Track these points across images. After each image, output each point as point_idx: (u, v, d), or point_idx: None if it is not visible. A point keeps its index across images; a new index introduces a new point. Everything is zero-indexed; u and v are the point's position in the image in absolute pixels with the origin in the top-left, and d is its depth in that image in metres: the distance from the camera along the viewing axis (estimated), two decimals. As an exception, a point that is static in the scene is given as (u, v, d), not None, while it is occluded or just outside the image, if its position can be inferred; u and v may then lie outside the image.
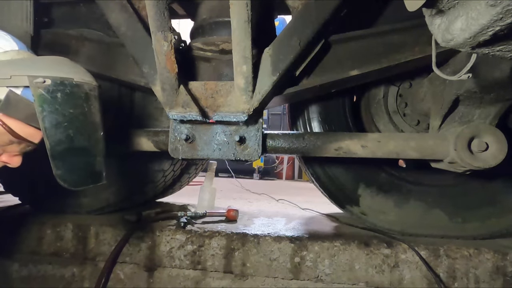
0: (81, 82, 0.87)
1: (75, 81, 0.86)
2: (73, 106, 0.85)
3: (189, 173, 2.02)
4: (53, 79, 0.82)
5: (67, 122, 0.84)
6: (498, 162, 1.12)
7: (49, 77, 0.82)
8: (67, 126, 0.84)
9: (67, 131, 0.84)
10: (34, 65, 0.85)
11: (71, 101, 0.85)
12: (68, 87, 0.84)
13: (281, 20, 4.40)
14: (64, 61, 0.91)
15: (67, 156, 0.85)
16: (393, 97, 1.53)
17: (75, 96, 0.86)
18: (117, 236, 1.42)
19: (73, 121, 0.85)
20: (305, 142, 1.26)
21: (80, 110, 0.86)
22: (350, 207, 1.53)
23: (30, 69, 0.82)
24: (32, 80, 0.80)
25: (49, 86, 0.82)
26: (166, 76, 1.12)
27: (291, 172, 5.96)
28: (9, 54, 0.85)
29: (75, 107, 0.86)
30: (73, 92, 0.85)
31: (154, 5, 1.00)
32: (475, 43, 0.57)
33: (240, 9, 0.94)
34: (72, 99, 0.85)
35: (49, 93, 0.82)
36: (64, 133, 0.84)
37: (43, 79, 0.81)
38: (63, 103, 0.83)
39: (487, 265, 1.23)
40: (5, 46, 0.85)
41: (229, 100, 1.16)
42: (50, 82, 0.82)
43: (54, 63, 0.88)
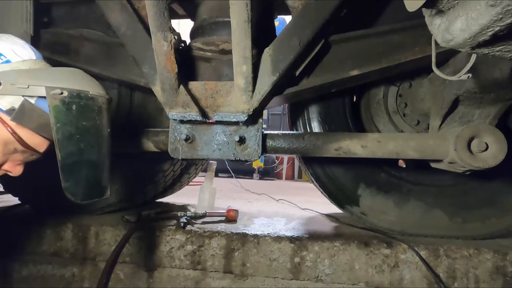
0: (96, 95, 0.88)
1: (91, 94, 0.87)
2: (87, 119, 0.86)
3: (189, 173, 2.02)
4: (70, 91, 0.83)
5: (79, 134, 0.85)
6: (498, 162, 1.12)
7: (66, 89, 0.82)
8: (79, 138, 0.85)
9: (78, 143, 0.85)
10: (51, 75, 0.85)
11: (85, 113, 0.86)
12: (83, 100, 0.85)
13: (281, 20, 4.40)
14: (80, 73, 0.91)
15: (77, 169, 0.86)
16: (393, 97, 1.53)
17: (89, 109, 0.86)
18: (117, 236, 1.42)
19: (85, 134, 0.86)
20: (305, 142, 1.26)
21: (92, 123, 0.87)
22: (350, 207, 1.53)
23: (48, 80, 0.83)
24: (49, 91, 0.81)
25: (65, 98, 0.82)
26: (166, 76, 1.12)
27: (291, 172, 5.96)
28: (27, 63, 0.85)
29: (88, 120, 0.86)
30: (88, 105, 0.86)
31: (154, 5, 1.00)
32: (475, 43, 0.57)
33: (240, 9, 0.94)
34: (86, 112, 0.86)
35: (64, 104, 0.82)
36: (76, 145, 0.85)
37: (60, 91, 0.81)
38: (78, 116, 0.84)
39: (487, 265, 1.23)
40: (24, 55, 0.86)
41: (229, 100, 1.16)
42: (67, 94, 0.82)
43: (71, 75, 0.89)
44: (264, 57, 1.14)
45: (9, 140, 0.83)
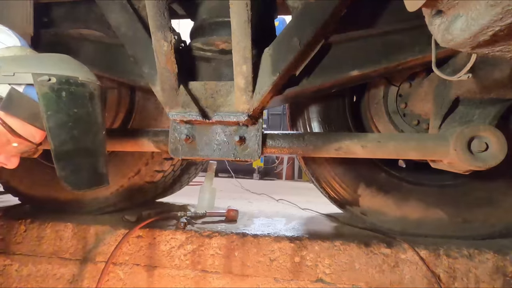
0: (86, 81, 0.85)
1: (80, 80, 0.84)
2: (78, 106, 0.83)
3: (189, 173, 2.02)
4: (59, 78, 0.80)
5: (72, 122, 0.82)
6: (498, 162, 1.12)
7: (55, 75, 0.80)
8: (72, 126, 0.82)
9: (72, 131, 0.82)
10: (38, 62, 0.82)
11: (76, 100, 0.83)
12: (73, 86, 0.82)
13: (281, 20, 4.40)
14: (68, 59, 0.88)
15: (72, 157, 0.83)
16: (393, 97, 1.53)
17: (80, 95, 0.84)
18: (117, 236, 1.42)
19: (78, 121, 0.83)
20: (305, 142, 1.26)
21: (85, 109, 0.84)
22: (350, 207, 1.53)
23: (34, 67, 0.80)
24: (37, 78, 0.78)
25: (54, 85, 0.79)
26: (166, 76, 1.12)
27: (291, 172, 5.96)
28: (11, 50, 0.82)
29: (80, 107, 0.84)
30: (78, 91, 0.83)
31: (154, 5, 1.00)
32: (475, 43, 0.57)
33: (240, 9, 0.94)
34: (77, 99, 0.83)
35: (54, 91, 0.79)
36: (69, 133, 0.82)
37: (48, 77, 0.79)
38: (68, 103, 0.81)
39: (487, 265, 1.23)
40: (8, 42, 0.83)
41: (229, 100, 1.16)
42: (55, 81, 0.79)
43: (59, 61, 0.86)
44: (264, 57, 1.14)
45: (1, 130, 0.80)
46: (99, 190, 1.63)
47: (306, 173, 1.68)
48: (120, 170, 1.66)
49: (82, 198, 1.67)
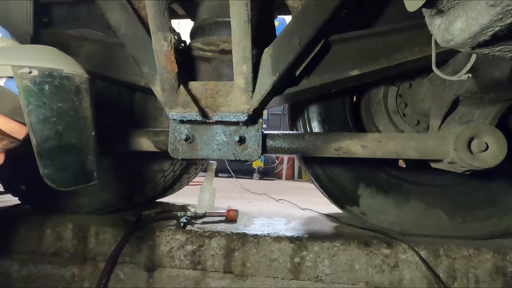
0: (72, 74, 0.80)
1: (65, 73, 0.79)
2: (62, 100, 0.79)
3: (189, 173, 2.02)
4: (41, 70, 0.76)
5: (56, 117, 0.78)
6: (498, 162, 1.12)
7: (36, 68, 0.75)
8: (55, 121, 0.78)
9: (55, 127, 0.78)
10: (19, 54, 0.78)
11: (60, 94, 0.79)
12: (57, 79, 0.78)
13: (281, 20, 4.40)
14: (53, 51, 0.84)
15: (56, 154, 0.80)
16: (393, 97, 1.53)
17: (65, 89, 0.79)
18: (117, 236, 1.42)
19: (62, 116, 0.79)
20: (305, 142, 1.26)
21: (70, 104, 0.80)
22: (350, 207, 1.53)
23: (15, 59, 0.75)
24: (17, 70, 0.74)
25: (35, 78, 0.75)
26: (166, 76, 1.12)
27: (291, 172, 5.96)
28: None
29: (65, 101, 0.79)
30: (63, 85, 0.79)
31: (154, 5, 1.00)
32: (475, 43, 0.57)
33: (240, 9, 0.94)
34: (61, 92, 0.79)
35: (35, 85, 0.75)
36: (52, 129, 0.78)
37: (29, 70, 0.74)
38: (51, 97, 0.77)
39: (487, 265, 1.23)
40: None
41: (229, 100, 1.16)
42: (37, 73, 0.75)
43: (42, 52, 0.81)
44: (264, 57, 1.14)
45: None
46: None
47: (306, 173, 1.68)
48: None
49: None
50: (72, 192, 1.64)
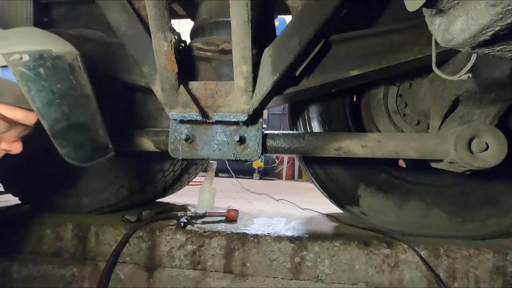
0: (61, 52, 0.78)
1: (55, 53, 0.77)
2: (60, 81, 0.78)
3: (189, 173, 2.02)
4: (31, 54, 0.73)
5: (59, 98, 0.78)
6: (498, 162, 1.12)
7: (26, 52, 0.73)
8: (59, 103, 0.78)
9: (61, 108, 0.78)
10: (4, 40, 0.75)
11: (56, 75, 0.77)
12: (48, 61, 0.76)
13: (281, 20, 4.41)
14: (37, 32, 0.82)
15: (68, 133, 0.81)
16: (393, 97, 1.53)
17: (59, 69, 0.78)
18: (117, 236, 1.42)
19: (65, 96, 0.79)
20: (305, 142, 1.26)
21: (68, 84, 0.79)
22: (350, 207, 1.53)
23: (2, 45, 0.73)
24: (8, 58, 0.72)
25: (28, 62, 0.73)
26: (166, 76, 1.12)
27: (291, 172, 5.96)
28: None
29: (63, 82, 0.78)
30: (56, 65, 0.77)
31: (154, 5, 1.00)
32: (475, 43, 0.57)
33: (240, 9, 0.94)
34: (57, 73, 0.77)
35: (30, 70, 0.73)
36: (59, 110, 0.78)
37: (19, 55, 0.72)
38: (49, 79, 0.76)
39: (487, 265, 1.23)
40: None
41: (229, 100, 1.16)
42: (28, 58, 0.73)
43: (27, 35, 0.79)
44: (264, 57, 1.14)
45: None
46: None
47: (306, 173, 1.68)
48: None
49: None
50: (72, 192, 1.64)
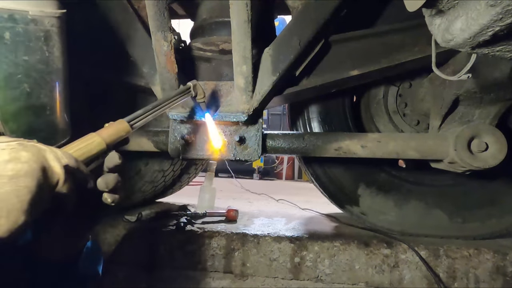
0: (40, 15, 0.63)
1: (31, 15, 0.62)
2: (29, 52, 0.63)
3: (189, 173, 2.02)
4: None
5: (22, 73, 0.63)
6: (498, 162, 1.12)
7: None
8: (21, 79, 0.63)
9: (22, 85, 0.64)
10: None
11: (26, 44, 0.63)
12: (20, 24, 0.61)
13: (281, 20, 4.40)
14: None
15: (23, 116, 0.65)
16: (393, 97, 1.53)
17: (31, 36, 0.63)
18: (117, 236, 1.42)
19: (30, 72, 0.64)
20: (305, 142, 1.26)
21: (38, 56, 0.65)
22: (350, 207, 1.53)
23: None
24: None
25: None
26: (166, 76, 1.12)
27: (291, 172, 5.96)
28: None
29: (32, 53, 0.64)
30: (28, 31, 0.62)
31: (154, 5, 1.00)
32: (475, 43, 0.57)
33: (240, 9, 0.94)
34: (26, 42, 0.63)
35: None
36: (18, 88, 0.63)
37: None
38: (15, 48, 0.62)
39: (487, 265, 1.23)
40: None
41: (229, 100, 1.16)
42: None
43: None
44: (264, 57, 1.14)
45: None
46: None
47: (306, 173, 1.68)
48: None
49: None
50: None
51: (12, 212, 0.40)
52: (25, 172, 0.42)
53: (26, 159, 0.43)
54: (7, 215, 0.40)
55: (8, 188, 0.40)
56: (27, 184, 0.42)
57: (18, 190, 0.41)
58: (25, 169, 0.42)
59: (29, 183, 0.42)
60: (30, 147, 0.45)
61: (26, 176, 0.42)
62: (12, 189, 0.41)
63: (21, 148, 0.44)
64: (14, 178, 0.41)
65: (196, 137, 1.25)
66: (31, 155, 0.44)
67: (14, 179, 0.41)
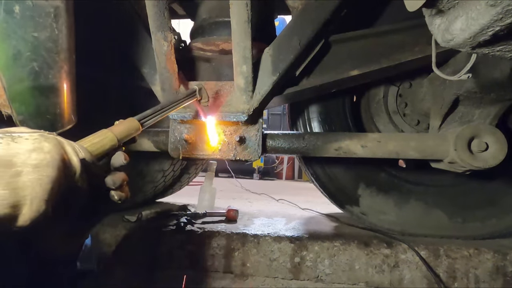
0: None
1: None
2: (38, 28, 0.61)
3: (189, 173, 2.02)
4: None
5: (30, 51, 0.61)
6: (498, 162, 1.12)
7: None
8: (30, 57, 0.61)
9: (30, 63, 0.61)
10: None
11: (35, 20, 0.60)
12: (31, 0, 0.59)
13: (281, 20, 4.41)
14: None
15: (31, 97, 0.63)
16: (393, 97, 1.53)
17: (42, 12, 0.61)
18: (117, 236, 1.42)
19: (39, 49, 0.62)
20: (305, 142, 1.26)
21: (48, 33, 0.62)
22: (350, 207, 1.53)
23: None
24: None
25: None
26: (166, 76, 1.12)
27: (291, 172, 5.96)
28: None
29: (41, 29, 0.61)
30: (38, 6, 0.60)
31: (154, 5, 1.00)
32: (475, 43, 0.57)
33: (240, 9, 0.94)
34: (37, 17, 0.60)
35: (1, 6, 0.57)
36: (26, 66, 0.61)
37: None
38: (25, 24, 0.59)
39: (487, 265, 1.23)
40: None
41: (229, 100, 1.16)
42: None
43: None
44: (264, 57, 1.14)
45: None
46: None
47: (306, 173, 1.68)
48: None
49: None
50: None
51: (35, 200, 0.41)
52: (47, 162, 0.43)
53: (48, 149, 0.43)
54: (30, 203, 0.40)
55: (32, 177, 0.41)
56: (49, 174, 0.42)
57: (41, 179, 0.41)
58: (47, 159, 0.43)
59: (51, 173, 0.42)
60: (52, 139, 0.45)
61: (48, 166, 0.42)
62: (36, 177, 0.41)
63: (43, 139, 0.44)
64: (38, 167, 0.41)
65: (196, 137, 1.25)
66: (52, 146, 0.44)
67: (38, 168, 0.41)
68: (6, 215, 0.39)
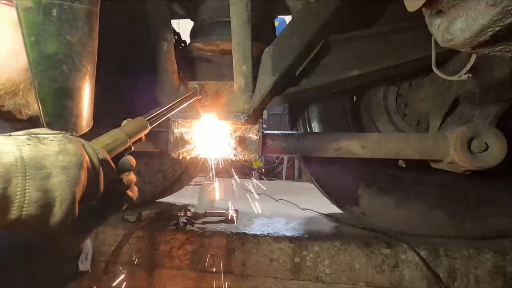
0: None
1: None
2: (72, 30, 0.61)
3: (189, 173, 2.02)
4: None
5: (62, 53, 0.61)
6: (498, 162, 1.12)
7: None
8: (61, 59, 0.61)
9: (61, 66, 0.61)
10: None
11: (70, 22, 0.61)
12: (67, 1, 0.59)
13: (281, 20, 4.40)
14: None
15: (59, 99, 0.63)
16: (393, 97, 1.53)
17: (76, 15, 0.61)
18: (117, 236, 1.41)
19: (70, 52, 0.62)
20: (305, 142, 1.26)
21: (79, 36, 0.62)
22: (350, 207, 1.53)
23: None
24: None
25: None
26: (166, 76, 1.12)
27: (291, 172, 5.95)
28: None
29: (74, 32, 0.61)
30: (73, 9, 0.61)
31: (154, 5, 1.00)
32: (475, 43, 0.57)
33: (240, 9, 0.94)
34: (71, 20, 0.61)
35: (39, 8, 0.58)
36: (57, 68, 0.61)
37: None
38: (60, 25, 0.60)
39: (487, 265, 1.23)
40: None
41: (229, 100, 1.16)
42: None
43: None
44: (264, 57, 1.14)
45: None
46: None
47: (306, 173, 1.68)
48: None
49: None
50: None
51: (65, 201, 0.41)
52: (74, 164, 0.43)
53: (74, 151, 0.44)
54: (60, 204, 0.41)
55: (61, 178, 0.41)
56: (76, 176, 0.43)
57: (69, 181, 0.42)
58: (74, 161, 0.43)
59: (77, 175, 0.43)
60: (74, 140, 0.46)
61: (75, 168, 0.43)
62: (64, 179, 0.42)
63: (67, 141, 0.44)
64: (65, 169, 0.42)
65: (196, 137, 1.25)
66: (77, 147, 0.45)
67: (65, 170, 0.42)
68: (39, 216, 0.40)
